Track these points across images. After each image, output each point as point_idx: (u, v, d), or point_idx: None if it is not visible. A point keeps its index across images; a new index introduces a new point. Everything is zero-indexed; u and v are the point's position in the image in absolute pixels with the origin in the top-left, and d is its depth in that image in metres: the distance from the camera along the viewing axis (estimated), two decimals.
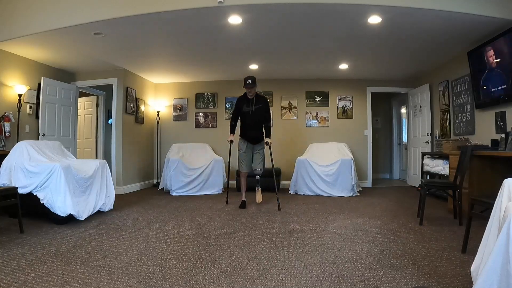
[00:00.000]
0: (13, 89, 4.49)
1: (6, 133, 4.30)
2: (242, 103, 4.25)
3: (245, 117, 4.26)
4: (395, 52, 4.74)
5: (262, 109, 4.23)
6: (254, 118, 4.20)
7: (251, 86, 4.06)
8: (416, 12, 3.33)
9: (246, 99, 4.23)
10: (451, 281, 1.86)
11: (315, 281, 1.90)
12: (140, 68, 5.74)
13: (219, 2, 3.20)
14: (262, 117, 4.23)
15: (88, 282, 1.86)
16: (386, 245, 2.57)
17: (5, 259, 2.22)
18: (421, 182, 3.64)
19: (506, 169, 3.35)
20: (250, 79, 4.06)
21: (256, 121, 4.23)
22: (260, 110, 4.21)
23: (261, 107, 4.22)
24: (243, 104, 4.24)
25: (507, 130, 3.58)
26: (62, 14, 3.64)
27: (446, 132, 5.27)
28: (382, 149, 7.93)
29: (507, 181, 1.61)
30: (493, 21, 3.47)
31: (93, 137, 6.88)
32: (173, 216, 3.70)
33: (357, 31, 3.89)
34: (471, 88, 4.39)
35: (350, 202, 4.64)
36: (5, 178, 3.32)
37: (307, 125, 6.61)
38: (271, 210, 4.00)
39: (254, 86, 4.08)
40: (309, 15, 3.48)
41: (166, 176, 5.59)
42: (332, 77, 6.46)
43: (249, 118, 4.22)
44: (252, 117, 4.20)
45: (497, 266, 1.26)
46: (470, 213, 2.35)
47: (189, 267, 2.13)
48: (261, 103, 4.23)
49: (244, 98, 4.25)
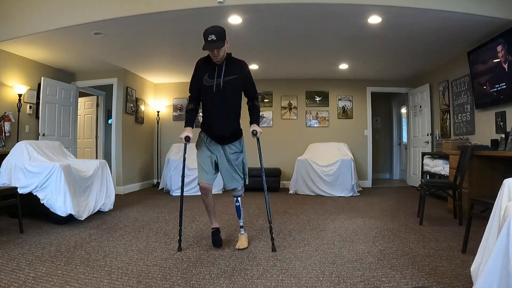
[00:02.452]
0: (13, 89, 4.49)
1: (6, 133, 4.30)
2: (202, 72, 2.45)
3: (208, 96, 2.45)
4: (395, 52, 4.74)
5: (238, 82, 2.44)
6: (223, 98, 2.42)
7: (215, 45, 2.28)
8: (416, 12, 3.33)
9: (210, 65, 2.42)
10: (451, 281, 1.86)
11: (315, 281, 1.90)
12: (140, 68, 5.74)
13: (219, 2, 3.20)
14: (237, 95, 2.50)
15: (88, 282, 1.86)
16: (386, 245, 2.57)
17: (5, 259, 2.22)
18: (421, 182, 3.64)
19: (506, 169, 3.35)
20: (213, 34, 2.27)
21: (227, 104, 2.45)
22: (233, 84, 2.42)
23: (236, 78, 2.41)
24: (203, 73, 2.44)
25: (507, 130, 3.57)
26: (62, 14, 3.64)
27: (446, 132, 5.27)
28: (382, 149, 7.93)
29: (507, 181, 1.61)
30: (493, 21, 3.47)
31: (93, 137, 6.87)
32: (173, 216, 3.70)
33: (357, 31, 3.89)
34: (471, 88, 4.39)
35: (350, 202, 4.64)
36: (5, 178, 3.32)
37: (307, 125, 6.61)
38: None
39: (221, 45, 2.30)
40: (309, 15, 3.48)
41: (166, 176, 5.59)
42: (332, 77, 6.46)
43: (215, 99, 2.42)
44: (220, 96, 2.41)
45: (497, 266, 1.26)
46: (470, 213, 2.35)
47: (189, 267, 2.13)
48: (236, 71, 2.42)
49: (207, 64, 2.44)
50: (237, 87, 2.48)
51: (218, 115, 2.48)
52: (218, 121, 2.48)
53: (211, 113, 2.51)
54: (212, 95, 2.43)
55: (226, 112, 2.49)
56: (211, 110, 2.50)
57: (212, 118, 2.50)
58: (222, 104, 2.45)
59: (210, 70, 2.43)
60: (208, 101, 2.49)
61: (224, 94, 2.42)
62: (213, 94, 2.42)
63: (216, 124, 2.49)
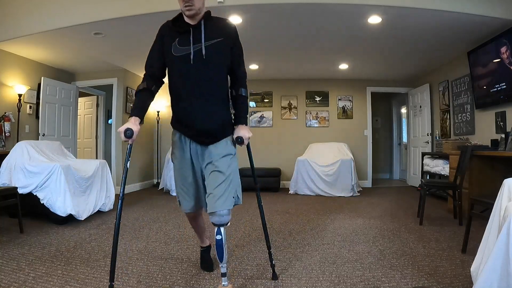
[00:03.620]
0: (13, 89, 4.49)
1: (6, 133, 4.30)
2: (169, 38, 1.70)
3: (180, 73, 1.69)
4: (395, 52, 4.74)
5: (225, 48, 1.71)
6: (205, 73, 1.67)
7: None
8: (416, 12, 3.33)
9: (181, 28, 1.69)
10: (451, 281, 1.86)
11: (315, 281, 1.90)
12: (140, 68, 5.74)
13: (219, 2, 3.20)
14: (224, 69, 1.74)
15: (88, 282, 1.86)
16: (386, 245, 2.57)
17: (5, 259, 2.22)
18: (421, 182, 3.64)
19: (506, 169, 3.35)
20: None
21: (210, 82, 1.69)
22: (218, 50, 1.68)
23: (222, 43, 1.69)
24: (171, 39, 1.69)
25: (507, 130, 3.58)
26: (62, 14, 3.64)
27: (446, 132, 5.27)
28: (382, 149, 7.93)
29: (507, 181, 1.61)
30: (493, 21, 3.47)
31: (93, 137, 6.87)
32: (173, 216, 3.70)
33: (357, 31, 3.89)
34: (471, 88, 4.39)
35: (350, 202, 4.64)
36: (5, 178, 3.32)
37: (307, 125, 6.61)
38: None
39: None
40: (309, 15, 3.48)
41: (166, 176, 5.59)
42: (332, 77, 6.46)
43: (193, 75, 1.67)
44: (200, 71, 1.66)
45: (497, 266, 1.26)
46: (470, 213, 2.35)
47: (189, 267, 2.13)
48: (220, 33, 1.71)
49: (177, 27, 1.71)
50: (224, 57, 1.70)
51: (198, 100, 1.64)
52: (198, 109, 1.65)
53: (186, 98, 1.65)
54: (188, 70, 1.63)
55: (210, 94, 1.66)
56: (187, 93, 1.64)
57: (189, 106, 1.65)
58: (203, 82, 1.63)
59: (182, 34, 1.64)
60: (181, 80, 1.65)
61: (207, 66, 1.63)
62: (190, 68, 1.63)
63: (195, 114, 1.65)
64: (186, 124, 1.71)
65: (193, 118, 1.67)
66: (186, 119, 1.70)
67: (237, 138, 1.75)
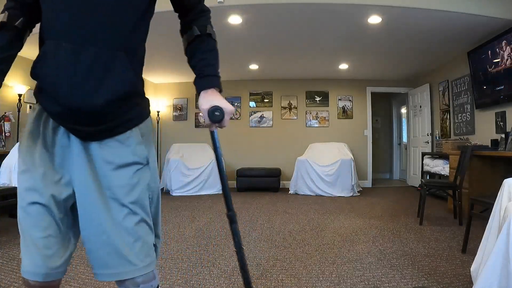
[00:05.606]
0: (13, 89, 4.48)
1: (6, 133, 4.30)
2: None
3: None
4: (395, 52, 4.74)
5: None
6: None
7: None
8: (416, 12, 3.33)
9: None
10: (451, 281, 1.86)
11: (315, 281, 1.90)
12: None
13: (219, 2, 3.20)
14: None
15: (88, 282, 1.86)
16: (386, 245, 2.57)
17: (5, 259, 2.22)
18: (421, 182, 3.64)
19: (506, 169, 3.35)
20: None
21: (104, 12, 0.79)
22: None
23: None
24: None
25: (507, 130, 3.58)
26: None
27: (446, 132, 5.27)
28: (382, 149, 7.93)
29: (507, 181, 1.61)
30: (493, 21, 3.46)
31: None
32: (173, 216, 3.70)
33: (357, 31, 3.89)
34: (471, 88, 4.39)
35: (350, 202, 4.64)
36: (5, 178, 3.32)
37: (307, 125, 6.61)
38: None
39: None
40: (309, 15, 3.48)
41: (166, 176, 5.59)
42: (332, 77, 6.46)
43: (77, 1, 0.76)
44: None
45: (497, 266, 1.26)
46: (470, 213, 2.35)
47: (189, 267, 2.13)
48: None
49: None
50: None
51: (76, 46, 0.80)
52: (70, 63, 0.80)
53: (56, 38, 0.84)
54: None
55: (104, 36, 0.82)
56: (59, 30, 0.85)
57: (56, 54, 0.81)
58: (94, 12, 0.81)
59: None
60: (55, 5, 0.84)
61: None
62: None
63: (63, 72, 0.80)
64: (56, 93, 0.81)
65: (59, 79, 0.80)
66: (47, 80, 0.83)
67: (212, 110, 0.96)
